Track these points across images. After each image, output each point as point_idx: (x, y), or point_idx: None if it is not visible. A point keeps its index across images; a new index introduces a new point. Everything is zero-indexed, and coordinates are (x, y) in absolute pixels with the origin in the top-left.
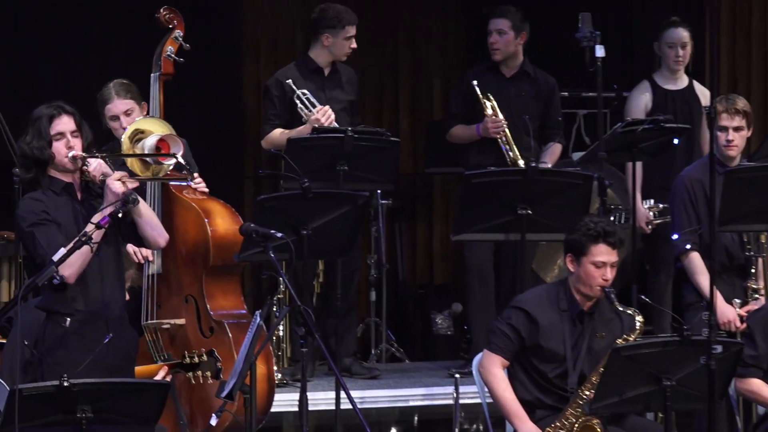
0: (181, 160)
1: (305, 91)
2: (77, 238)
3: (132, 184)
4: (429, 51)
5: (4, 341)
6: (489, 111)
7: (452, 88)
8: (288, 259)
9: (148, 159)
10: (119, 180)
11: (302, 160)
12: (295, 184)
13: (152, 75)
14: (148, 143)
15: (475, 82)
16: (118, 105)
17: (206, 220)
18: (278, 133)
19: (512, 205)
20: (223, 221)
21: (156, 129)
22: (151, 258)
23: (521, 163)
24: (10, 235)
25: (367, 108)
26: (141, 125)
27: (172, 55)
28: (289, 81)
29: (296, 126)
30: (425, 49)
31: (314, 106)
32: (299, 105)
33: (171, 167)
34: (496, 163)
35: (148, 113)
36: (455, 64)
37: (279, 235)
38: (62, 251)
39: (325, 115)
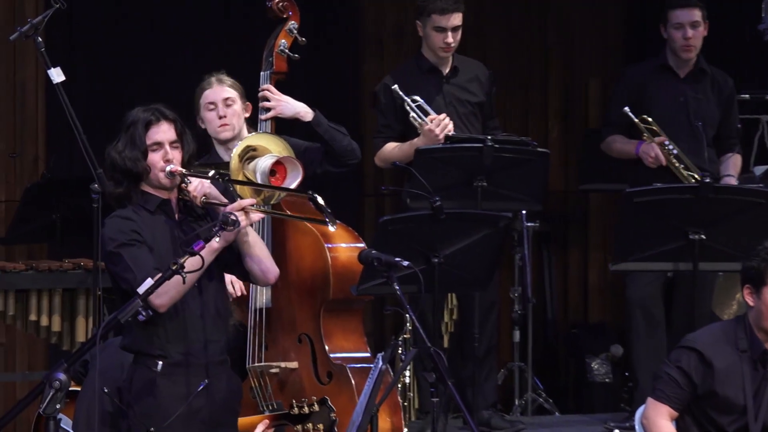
0: (320, 200)
1: (416, 97)
2: (167, 267)
3: (258, 216)
4: (584, 46)
5: (78, 388)
6: (646, 136)
7: (612, 89)
8: (416, 292)
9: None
10: (243, 209)
11: (433, 175)
12: (424, 204)
13: (262, 74)
14: (262, 165)
15: (627, 109)
16: (218, 91)
17: (326, 245)
18: (391, 147)
19: (682, 229)
20: (345, 247)
21: (271, 148)
22: (245, 292)
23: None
24: (88, 263)
25: (510, 113)
26: (254, 141)
27: (286, 51)
28: (395, 86)
29: (412, 138)
30: (580, 43)
31: (428, 114)
32: (411, 114)
33: (283, 196)
34: (671, 182)
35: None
36: (615, 61)
37: (405, 263)
38: (149, 281)
39: (440, 126)
